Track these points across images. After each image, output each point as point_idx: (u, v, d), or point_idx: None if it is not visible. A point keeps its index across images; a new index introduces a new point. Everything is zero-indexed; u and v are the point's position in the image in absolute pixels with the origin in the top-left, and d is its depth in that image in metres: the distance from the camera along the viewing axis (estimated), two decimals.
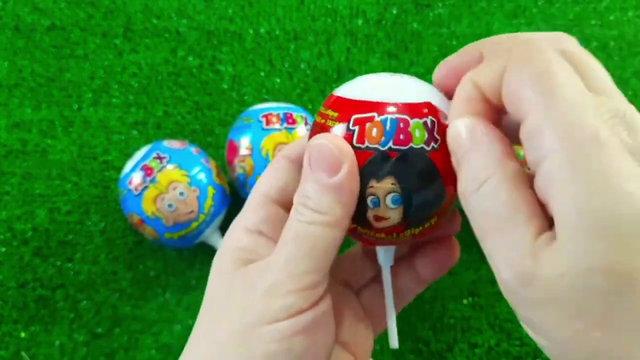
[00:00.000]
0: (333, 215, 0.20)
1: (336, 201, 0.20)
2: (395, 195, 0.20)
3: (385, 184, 0.20)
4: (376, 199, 0.21)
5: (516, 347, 0.42)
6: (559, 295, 0.15)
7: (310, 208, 0.20)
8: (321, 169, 0.20)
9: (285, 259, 0.20)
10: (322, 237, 0.20)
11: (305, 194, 0.21)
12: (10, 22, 0.51)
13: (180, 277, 0.44)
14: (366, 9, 0.53)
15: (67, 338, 0.43)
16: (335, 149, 0.20)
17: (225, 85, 0.50)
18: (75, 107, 0.49)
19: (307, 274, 0.20)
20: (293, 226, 0.21)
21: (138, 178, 0.40)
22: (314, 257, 0.20)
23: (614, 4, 0.53)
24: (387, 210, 0.21)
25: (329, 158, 0.20)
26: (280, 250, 0.21)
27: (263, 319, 0.20)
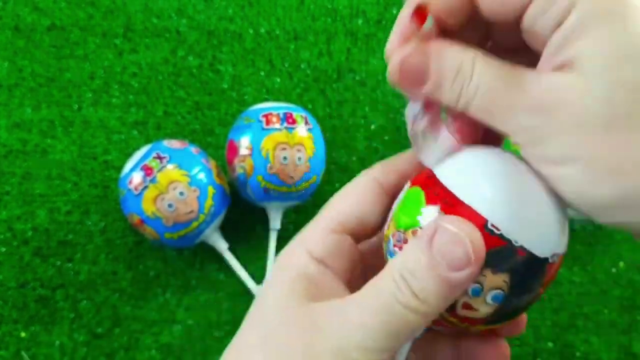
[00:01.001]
0: (432, 308, 0.18)
1: (443, 296, 0.18)
2: (499, 293, 0.19)
3: (498, 279, 0.18)
4: (479, 288, 0.19)
5: (516, 347, 0.42)
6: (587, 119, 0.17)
7: (413, 291, 0.18)
8: (444, 258, 0.18)
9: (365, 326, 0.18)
10: (411, 325, 0.18)
11: (412, 271, 0.18)
12: (10, 22, 0.51)
13: (180, 277, 0.44)
14: (366, 8, 0.53)
15: (67, 338, 0.43)
16: (470, 248, 0.17)
17: (225, 85, 0.50)
18: (75, 107, 0.49)
19: (382, 352, 0.18)
20: (386, 299, 0.18)
21: (138, 178, 0.39)
22: (395, 339, 0.18)
23: None
24: (482, 304, 0.19)
25: (459, 253, 0.17)
26: (360, 312, 0.19)
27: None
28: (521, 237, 0.18)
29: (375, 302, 0.18)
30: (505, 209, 0.18)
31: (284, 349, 0.19)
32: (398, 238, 0.20)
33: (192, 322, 0.43)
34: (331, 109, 0.49)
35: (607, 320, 0.42)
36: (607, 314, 0.42)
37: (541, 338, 0.42)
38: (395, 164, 0.23)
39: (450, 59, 0.19)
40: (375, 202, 0.22)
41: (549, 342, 0.42)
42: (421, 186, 0.20)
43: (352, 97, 0.50)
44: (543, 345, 0.42)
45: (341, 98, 0.50)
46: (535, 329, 0.42)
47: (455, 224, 0.18)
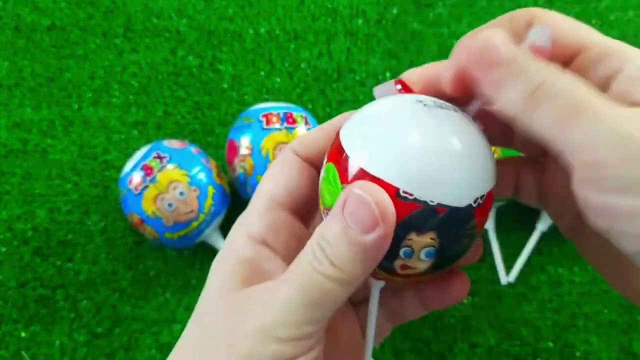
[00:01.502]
0: (350, 274, 0.18)
1: (359, 260, 0.18)
2: (430, 250, 0.19)
3: (425, 239, 0.19)
4: (410, 250, 0.19)
5: (516, 347, 0.42)
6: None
7: (329, 258, 0.18)
8: (354, 222, 0.18)
9: (286, 303, 0.18)
10: (332, 293, 0.18)
11: (326, 237, 0.18)
12: (10, 22, 0.51)
13: (180, 277, 0.44)
14: (366, 8, 0.53)
15: (67, 338, 0.43)
16: (377, 209, 0.18)
17: (225, 85, 0.50)
18: (76, 107, 0.49)
19: (304, 324, 0.18)
20: (304, 270, 0.19)
21: (138, 178, 0.40)
22: (318, 310, 0.19)
23: (615, 3, 0.53)
24: (418, 262, 0.19)
25: (366, 215, 0.18)
26: (283, 290, 0.19)
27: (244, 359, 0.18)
28: (435, 196, 0.18)
29: (295, 275, 0.19)
30: (413, 174, 0.18)
31: (214, 338, 0.19)
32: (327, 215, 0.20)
33: None
34: (331, 108, 0.49)
35: (607, 320, 0.42)
36: (607, 314, 0.42)
37: (541, 338, 0.42)
38: (312, 137, 0.23)
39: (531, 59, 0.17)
40: (300, 175, 0.22)
41: (549, 342, 0.42)
42: (334, 162, 0.20)
43: (352, 97, 0.50)
44: (543, 345, 0.42)
45: (341, 98, 0.50)
46: (535, 328, 0.42)
47: (361, 187, 0.18)
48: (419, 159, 0.18)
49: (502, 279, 0.43)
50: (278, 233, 0.21)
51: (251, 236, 0.21)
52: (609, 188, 0.15)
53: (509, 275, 0.44)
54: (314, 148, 0.23)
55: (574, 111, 0.16)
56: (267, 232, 0.21)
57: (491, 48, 0.18)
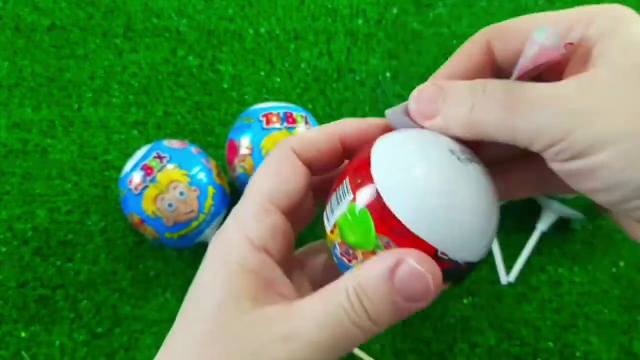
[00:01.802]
0: (381, 328, 0.19)
1: (395, 320, 0.19)
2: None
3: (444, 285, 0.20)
4: None
5: (516, 347, 0.42)
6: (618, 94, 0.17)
7: (367, 313, 0.18)
8: (405, 292, 0.18)
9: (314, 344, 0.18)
10: (356, 341, 0.19)
11: (368, 294, 0.18)
12: (10, 22, 0.51)
13: (180, 277, 0.44)
14: (366, 8, 0.53)
15: (67, 338, 0.43)
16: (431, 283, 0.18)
17: (225, 84, 0.50)
18: (76, 106, 0.49)
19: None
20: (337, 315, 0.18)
21: (138, 178, 0.40)
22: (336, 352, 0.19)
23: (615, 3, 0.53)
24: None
25: (421, 288, 0.18)
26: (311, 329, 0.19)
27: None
28: (465, 257, 0.20)
29: (324, 317, 0.19)
30: (452, 237, 0.19)
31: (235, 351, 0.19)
32: (346, 250, 0.20)
33: None
34: (331, 108, 0.49)
35: (607, 320, 0.42)
36: (607, 314, 0.42)
37: (541, 338, 0.42)
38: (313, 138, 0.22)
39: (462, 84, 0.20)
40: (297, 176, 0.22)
41: (549, 342, 0.42)
42: (368, 208, 0.19)
43: (352, 96, 0.50)
44: (543, 345, 0.42)
45: (341, 98, 0.50)
46: (535, 328, 0.42)
47: (416, 259, 0.18)
48: (458, 223, 0.19)
49: (502, 279, 0.43)
50: (275, 238, 0.21)
51: (252, 242, 0.20)
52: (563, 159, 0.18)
53: (509, 275, 0.44)
54: (315, 150, 0.22)
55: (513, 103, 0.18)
56: (267, 239, 0.21)
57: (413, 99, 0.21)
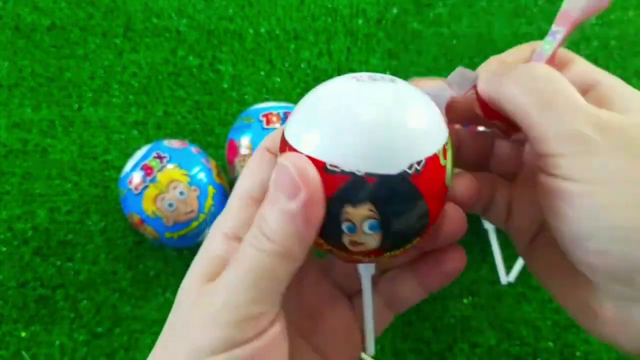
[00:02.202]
0: (285, 247, 0.18)
1: (291, 232, 0.18)
2: (372, 222, 0.19)
3: (362, 211, 0.18)
4: (352, 225, 0.19)
5: (516, 346, 0.42)
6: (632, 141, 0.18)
7: (264, 233, 0.19)
8: (280, 190, 0.18)
9: (228, 285, 0.18)
10: (271, 268, 0.18)
11: (263, 215, 0.19)
12: (10, 22, 0.51)
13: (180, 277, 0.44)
14: (366, 8, 0.53)
15: (67, 338, 0.43)
16: (295, 173, 0.18)
17: (225, 84, 0.50)
18: (76, 106, 0.49)
19: (250, 304, 0.18)
20: (244, 250, 0.19)
21: (138, 177, 0.40)
22: (260, 287, 0.18)
23: (615, 3, 0.53)
24: (364, 236, 0.19)
25: (287, 181, 0.18)
26: (226, 275, 0.19)
27: (198, 353, 0.18)
28: (362, 166, 0.18)
29: (238, 257, 0.19)
30: (336, 146, 0.18)
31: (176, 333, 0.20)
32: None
33: None
34: None
35: None
36: None
37: (541, 338, 0.42)
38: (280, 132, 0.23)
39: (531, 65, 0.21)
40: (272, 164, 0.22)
41: (550, 342, 0.42)
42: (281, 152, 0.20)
43: None
44: (543, 345, 0.42)
45: None
46: (535, 328, 0.42)
47: (284, 157, 0.18)
48: (341, 131, 0.18)
49: (502, 278, 0.43)
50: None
51: (225, 234, 0.21)
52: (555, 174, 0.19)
53: (509, 275, 0.44)
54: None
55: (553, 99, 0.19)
56: (240, 228, 0.21)
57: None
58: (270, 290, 0.19)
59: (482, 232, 0.44)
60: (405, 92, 0.20)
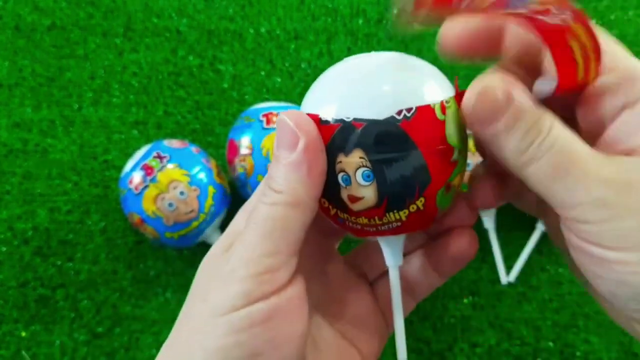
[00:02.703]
0: (293, 195, 0.19)
1: (296, 179, 0.19)
2: (365, 171, 0.19)
3: (353, 158, 0.19)
4: (346, 175, 0.19)
5: (517, 346, 0.42)
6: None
7: (272, 188, 0.19)
8: (281, 146, 0.19)
9: (245, 241, 0.19)
10: (282, 218, 0.19)
11: (270, 174, 0.20)
12: (10, 22, 0.51)
13: (180, 277, 0.44)
14: (366, 8, 0.53)
15: (67, 337, 0.43)
16: (292, 123, 0.19)
17: (225, 84, 0.50)
18: (76, 106, 0.49)
19: (266, 256, 0.19)
20: (256, 208, 0.20)
21: (138, 177, 0.40)
22: (274, 239, 0.19)
23: (615, 3, 0.53)
24: (360, 188, 0.19)
25: (287, 134, 0.19)
26: (242, 236, 0.19)
27: (219, 309, 0.18)
28: (351, 113, 0.19)
29: (250, 217, 0.20)
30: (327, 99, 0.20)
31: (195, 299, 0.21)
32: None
33: None
34: None
35: (607, 320, 0.42)
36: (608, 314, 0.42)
37: (541, 338, 0.42)
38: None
39: (530, 110, 0.18)
40: None
41: (550, 342, 0.42)
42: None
43: None
44: (543, 345, 0.42)
45: None
46: (535, 328, 0.42)
47: (280, 115, 0.20)
48: (333, 84, 0.20)
49: (502, 278, 0.43)
50: None
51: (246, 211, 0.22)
52: (585, 239, 0.18)
53: (509, 275, 0.44)
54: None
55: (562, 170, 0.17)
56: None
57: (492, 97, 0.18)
58: (285, 242, 0.19)
59: (482, 232, 0.44)
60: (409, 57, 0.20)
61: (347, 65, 0.20)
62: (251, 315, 0.18)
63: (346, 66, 0.20)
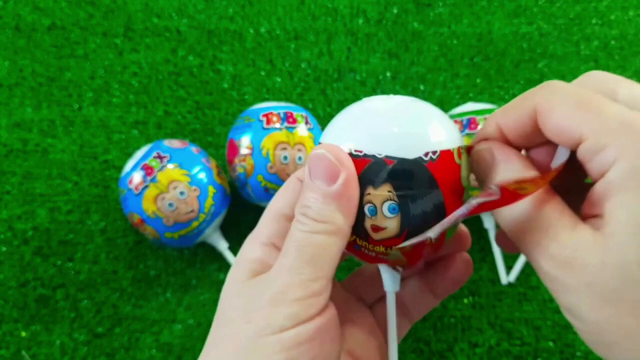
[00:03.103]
0: (334, 224, 0.21)
1: (336, 209, 0.21)
2: (392, 204, 0.21)
3: (382, 191, 0.21)
4: (373, 207, 0.21)
5: (517, 346, 0.42)
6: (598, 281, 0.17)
7: (311, 217, 0.21)
8: (320, 178, 0.21)
9: (288, 267, 0.20)
10: (324, 245, 0.20)
11: (305, 204, 0.21)
12: (10, 22, 0.51)
13: (180, 277, 0.44)
14: (367, 8, 0.53)
15: (67, 337, 0.43)
16: (333, 157, 0.20)
17: (225, 84, 0.50)
18: (76, 106, 0.49)
19: (311, 281, 0.20)
20: (295, 236, 0.21)
21: (138, 177, 0.40)
22: (317, 264, 0.20)
23: (615, 3, 0.53)
24: (385, 220, 0.21)
25: (327, 167, 0.20)
26: (282, 260, 0.21)
27: (268, 329, 0.20)
28: (382, 150, 0.21)
29: (289, 245, 0.21)
30: (359, 134, 0.21)
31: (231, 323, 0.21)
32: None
33: (193, 321, 0.43)
34: (332, 108, 0.49)
35: None
36: None
37: (542, 337, 0.42)
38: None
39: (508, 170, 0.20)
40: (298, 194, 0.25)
41: (550, 342, 0.42)
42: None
43: (352, 96, 0.50)
44: (544, 345, 0.42)
45: (342, 98, 0.50)
46: (535, 328, 0.42)
47: (316, 149, 0.21)
48: (363, 120, 0.21)
49: (502, 278, 0.43)
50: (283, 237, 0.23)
51: (260, 241, 0.23)
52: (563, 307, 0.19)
53: (509, 275, 0.44)
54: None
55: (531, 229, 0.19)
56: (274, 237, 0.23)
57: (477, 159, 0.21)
58: (325, 267, 0.21)
59: (482, 232, 0.44)
60: (424, 103, 0.22)
61: (370, 104, 0.22)
62: (299, 334, 0.20)
63: (369, 105, 0.22)
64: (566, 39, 0.52)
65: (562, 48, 0.51)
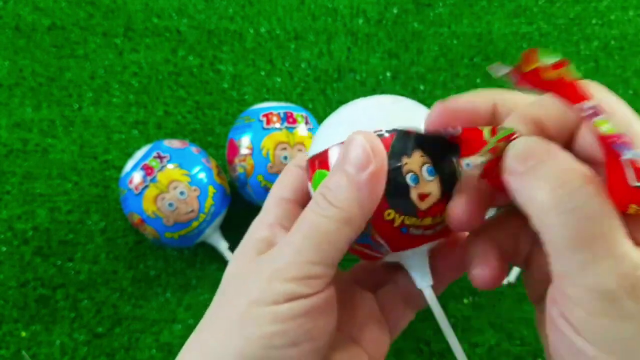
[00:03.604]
0: (348, 212, 0.20)
1: (355, 198, 0.20)
2: (428, 167, 0.22)
3: (416, 158, 0.22)
4: (414, 174, 0.22)
5: (517, 346, 0.42)
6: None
7: (329, 201, 0.20)
8: (351, 163, 0.20)
9: (293, 246, 0.20)
10: (333, 232, 0.20)
11: (327, 185, 0.21)
12: (10, 22, 0.51)
13: (180, 277, 0.44)
14: (367, 8, 0.53)
15: (67, 337, 0.43)
16: (368, 146, 0.20)
17: (225, 84, 0.50)
18: (76, 106, 0.49)
19: (312, 264, 0.20)
20: (307, 216, 0.21)
21: (138, 177, 0.40)
22: (322, 250, 0.20)
23: (615, 3, 0.53)
24: (426, 184, 0.22)
25: (361, 153, 0.20)
26: (290, 238, 0.21)
27: (262, 301, 0.20)
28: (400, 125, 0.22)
29: (301, 223, 0.21)
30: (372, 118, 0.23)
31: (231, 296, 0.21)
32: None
33: (193, 321, 0.43)
34: (332, 108, 0.49)
35: None
36: None
37: None
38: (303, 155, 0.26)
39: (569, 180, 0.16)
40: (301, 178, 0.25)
41: None
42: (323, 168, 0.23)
43: (352, 96, 0.50)
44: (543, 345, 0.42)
45: (342, 98, 0.50)
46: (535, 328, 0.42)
47: (356, 134, 0.21)
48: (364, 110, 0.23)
49: None
50: (289, 218, 0.24)
51: (265, 222, 0.24)
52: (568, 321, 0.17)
53: (509, 275, 0.44)
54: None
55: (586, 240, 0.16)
56: (280, 218, 0.24)
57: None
58: (330, 254, 0.20)
59: None
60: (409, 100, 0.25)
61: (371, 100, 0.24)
62: (292, 309, 0.20)
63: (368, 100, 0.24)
64: (566, 39, 0.52)
65: (562, 48, 0.51)
